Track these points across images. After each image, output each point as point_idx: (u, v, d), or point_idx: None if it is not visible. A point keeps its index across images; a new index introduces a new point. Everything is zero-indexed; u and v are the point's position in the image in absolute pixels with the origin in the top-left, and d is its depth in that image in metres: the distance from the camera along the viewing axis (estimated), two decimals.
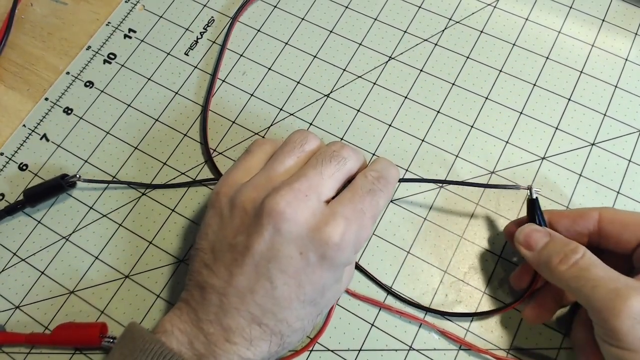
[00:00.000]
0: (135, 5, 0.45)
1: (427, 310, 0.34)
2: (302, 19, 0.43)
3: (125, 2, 0.45)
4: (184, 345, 0.27)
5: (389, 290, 0.35)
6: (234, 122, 0.40)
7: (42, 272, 0.37)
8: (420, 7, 0.43)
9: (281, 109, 0.40)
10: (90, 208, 0.38)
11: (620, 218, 0.31)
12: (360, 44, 0.42)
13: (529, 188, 0.33)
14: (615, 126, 0.38)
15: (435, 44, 0.42)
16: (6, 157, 0.40)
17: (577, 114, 0.39)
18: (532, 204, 0.33)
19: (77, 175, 0.38)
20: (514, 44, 0.41)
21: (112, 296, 0.36)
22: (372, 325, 0.34)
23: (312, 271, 0.28)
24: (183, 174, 0.39)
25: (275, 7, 0.44)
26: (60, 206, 0.38)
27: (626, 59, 0.40)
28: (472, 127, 0.39)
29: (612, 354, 0.26)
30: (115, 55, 0.43)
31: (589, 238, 0.31)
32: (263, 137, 0.40)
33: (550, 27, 0.42)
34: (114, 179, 0.39)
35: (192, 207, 0.38)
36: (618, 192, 0.37)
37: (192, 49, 0.43)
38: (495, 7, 0.43)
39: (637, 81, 0.40)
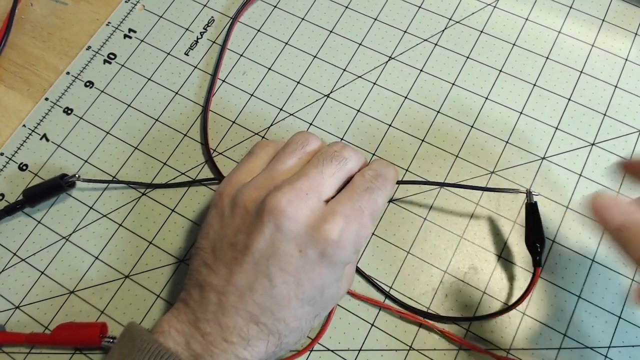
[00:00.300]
0: (135, 5, 0.45)
1: (425, 315, 0.34)
2: (302, 19, 0.43)
3: (125, 2, 0.45)
4: (180, 346, 0.27)
5: (387, 294, 0.35)
6: (234, 122, 0.40)
7: (42, 272, 0.37)
8: (420, 7, 0.43)
9: (281, 109, 0.40)
10: (90, 208, 0.38)
11: None
12: (360, 44, 0.42)
13: (528, 192, 0.33)
14: (615, 126, 0.38)
15: (435, 44, 0.42)
16: (6, 157, 0.40)
17: (577, 114, 0.39)
18: (531, 208, 0.33)
19: (77, 175, 0.38)
20: (514, 44, 0.41)
21: (112, 296, 0.36)
22: (372, 325, 0.34)
23: (312, 269, 0.28)
24: (183, 174, 0.39)
25: (275, 7, 0.44)
26: (60, 206, 0.38)
27: (626, 59, 0.40)
28: (472, 127, 0.39)
29: None
30: (115, 55, 0.43)
31: None
32: (263, 137, 0.40)
33: (550, 27, 0.42)
34: (114, 179, 0.39)
35: (192, 207, 0.38)
36: (618, 192, 0.37)
37: (192, 49, 0.43)
38: (495, 7, 0.43)
39: (637, 81, 0.40)
